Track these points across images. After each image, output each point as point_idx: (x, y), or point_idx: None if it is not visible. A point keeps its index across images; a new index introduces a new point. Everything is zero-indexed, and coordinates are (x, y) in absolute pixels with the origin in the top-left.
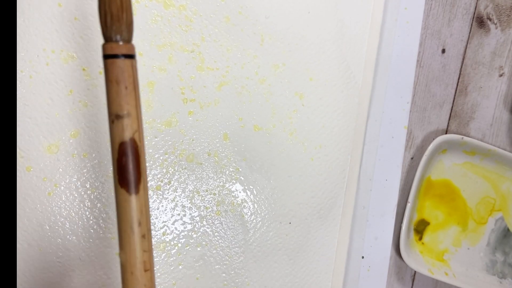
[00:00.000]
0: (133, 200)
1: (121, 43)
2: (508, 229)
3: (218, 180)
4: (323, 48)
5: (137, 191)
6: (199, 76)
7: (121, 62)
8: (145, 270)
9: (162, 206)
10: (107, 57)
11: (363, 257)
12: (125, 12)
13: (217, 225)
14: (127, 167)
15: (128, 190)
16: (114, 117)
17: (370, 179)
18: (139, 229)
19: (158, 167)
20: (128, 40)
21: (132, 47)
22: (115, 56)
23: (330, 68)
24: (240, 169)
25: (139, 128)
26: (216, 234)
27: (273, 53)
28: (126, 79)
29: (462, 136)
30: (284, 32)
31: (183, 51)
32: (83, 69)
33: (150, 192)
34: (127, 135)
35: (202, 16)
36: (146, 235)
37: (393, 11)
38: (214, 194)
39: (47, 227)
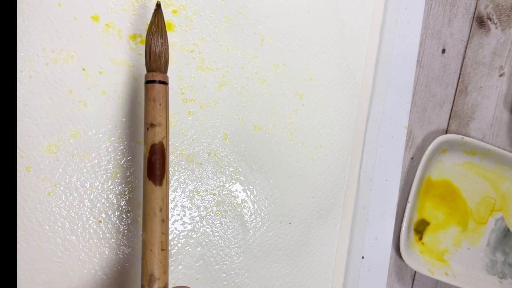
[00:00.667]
0: (157, 190)
1: (158, 72)
2: (508, 229)
3: (218, 180)
4: (323, 48)
5: (161, 183)
6: (199, 76)
7: (158, 86)
8: (162, 249)
9: None
10: (148, 82)
11: (363, 257)
12: (164, 52)
13: (217, 225)
14: (155, 164)
15: (154, 182)
16: (149, 125)
17: (370, 179)
18: (160, 214)
19: None
20: (164, 71)
21: (166, 77)
22: (153, 81)
23: (330, 68)
24: (240, 169)
25: (167, 135)
26: (216, 234)
27: (273, 53)
28: (161, 98)
29: (462, 136)
30: (284, 32)
31: (183, 51)
32: (83, 69)
33: None
34: (157, 139)
35: (202, 16)
36: (165, 220)
37: (393, 11)
38: (214, 194)
39: (47, 227)
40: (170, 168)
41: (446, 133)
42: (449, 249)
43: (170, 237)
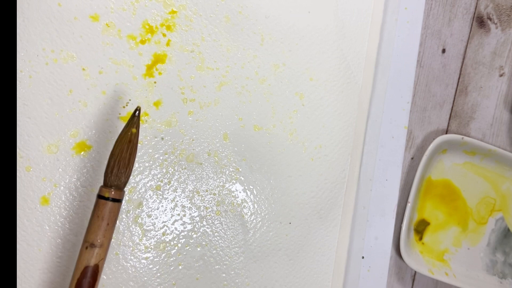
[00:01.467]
0: None
1: (114, 189)
2: (508, 229)
3: (218, 180)
4: (323, 48)
5: None
6: (199, 76)
7: (111, 205)
8: None
9: (162, 206)
10: (101, 197)
11: (363, 257)
12: (128, 169)
13: (217, 225)
14: (84, 287)
15: None
16: (89, 245)
17: (370, 179)
18: None
19: (158, 167)
20: (123, 188)
21: (122, 193)
22: (107, 198)
23: (330, 68)
24: (240, 169)
25: (105, 257)
26: (216, 234)
27: (273, 53)
28: (111, 218)
29: (462, 136)
30: (284, 32)
31: (183, 51)
32: (83, 69)
33: (150, 192)
34: (93, 261)
35: (202, 16)
36: None
37: (393, 11)
38: (214, 194)
39: (47, 227)
40: (170, 168)
41: (446, 133)
42: (449, 249)
43: (170, 237)
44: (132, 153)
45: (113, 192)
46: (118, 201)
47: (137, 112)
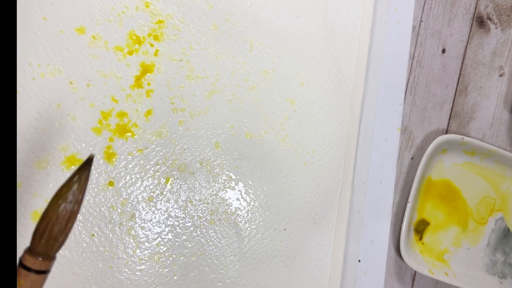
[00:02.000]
0: None
1: (42, 258)
2: (508, 229)
3: (211, 189)
4: (313, 53)
5: None
6: (188, 85)
7: (35, 277)
8: None
9: (155, 217)
10: (23, 267)
11: (359, 261)
12: (63, 236)
13: (211, 234)
14: None
15: None
16: None
17: (364, 182)
18: None
19: (150, 178)
20: (52, 258)
21: (51, 264)
22: (29, 269)
23: (321, 73)
24: (233, 177)
25: None
26: (210, 243)
27: (262, 59)
28: None
29: (462, 136)
30: (273, 37)
31: (171, 60)
32: (71, 82)
33: (143, 204)
34: None
35: (190, 25)
36: None
37: (383, 13)
38: (208, 203)
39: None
40: (161, 179)
41: (446, 133)
42: (449, 249)
43: (164, 248)
44: (73, 215)
45: (39, 262)
46: (44, 272)
47: (89, 161)
